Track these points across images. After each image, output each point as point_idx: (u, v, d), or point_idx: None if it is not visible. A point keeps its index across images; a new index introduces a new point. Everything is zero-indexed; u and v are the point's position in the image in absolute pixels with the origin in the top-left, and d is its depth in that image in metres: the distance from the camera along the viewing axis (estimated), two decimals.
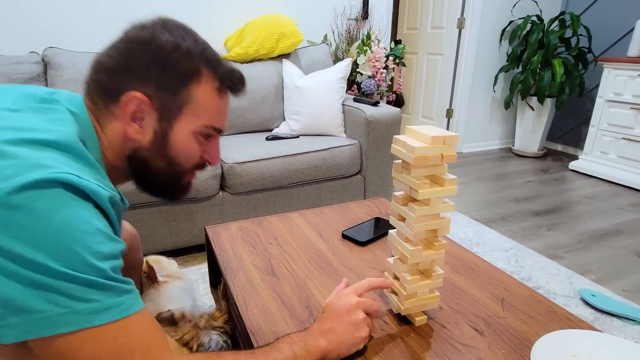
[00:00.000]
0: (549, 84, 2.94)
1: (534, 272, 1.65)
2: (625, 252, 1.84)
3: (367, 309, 0.66)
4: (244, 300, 0.79)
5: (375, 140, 1.89)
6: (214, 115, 0.65)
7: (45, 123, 0.53)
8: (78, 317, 0.46)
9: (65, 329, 0.46)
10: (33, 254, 0.44)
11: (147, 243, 1.58)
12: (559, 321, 0.74)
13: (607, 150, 2.82)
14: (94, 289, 0.47)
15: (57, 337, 0.46)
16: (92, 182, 0.50)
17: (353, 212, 1.21)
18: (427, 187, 0.63)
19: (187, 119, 0.63)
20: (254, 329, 0.71)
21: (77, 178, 0.48)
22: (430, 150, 0.62)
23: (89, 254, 0.47)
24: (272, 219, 1.16)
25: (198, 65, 0.62)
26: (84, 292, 0.46)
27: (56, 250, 0.45)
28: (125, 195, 1.45)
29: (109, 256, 0.49)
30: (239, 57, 2.10)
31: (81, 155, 0.53)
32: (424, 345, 0.67)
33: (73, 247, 0.46)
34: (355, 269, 0.91)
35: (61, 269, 0.45)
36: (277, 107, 2.11)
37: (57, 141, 0.51)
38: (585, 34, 3.09)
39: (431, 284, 0.71)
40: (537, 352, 0.64)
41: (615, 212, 2.28)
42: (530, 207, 2.33)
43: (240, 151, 1.70)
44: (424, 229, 0.66)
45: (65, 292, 0.45)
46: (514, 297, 0.81)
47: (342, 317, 0.64)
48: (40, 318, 0.45)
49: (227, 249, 0.99)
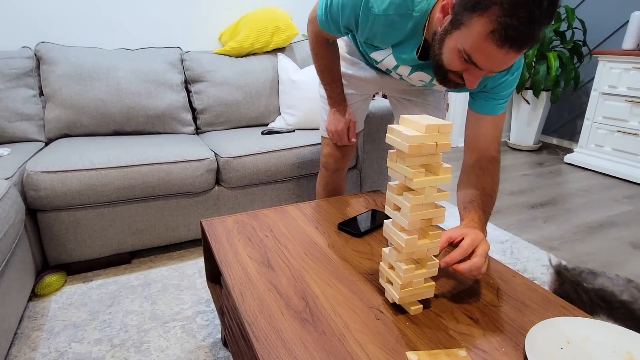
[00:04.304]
0: (544, 77, 2.95)
1: (530, 263, 1.66)
2: (619, 243, 1.85)
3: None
4: (240, 292, 0.79)
5: (371, 134, 1.89)
6: (476, 48, 0.72)
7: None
8: None
9: None
10: None
11: (143, 238, 1.58)
12: (553, 309, 0.75)
13: (602, 143, 2.84)
14: None
15: None
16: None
17: (349, 205, 1.21)
18: (422, 176, 0.64)
19: (458, 36, 0.74)
20: (250, 320, 0.71)
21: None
22: (425, 139, 0.62)
23: None
24: (267, 211, 1.16)
25: (489, 4, 0.68)
26: None
27: None
28: (119, 190, 1.45)
29: None
30: (234, 51, 2.09)
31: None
32: (420, 334, 0.68)
33: None
34: (350, 260, 0.91)
35: None
36: (272, 102, 2.11)
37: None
38: (580, 27, 3.10)
39: (426, 273, 0.71)
40: (531, 339, 0.64)
41: (609, 204, 2.30)
42: (526, 199, 2.34)
43: (236, 145, 1.70)
44: (419, 218, 0.66)
45: None
46: (509, 287, 0.82)
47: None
48: None
49: (223, 241, 0.99)
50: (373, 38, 0.97)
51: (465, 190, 0.97)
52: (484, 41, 0.70)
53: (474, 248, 0.74)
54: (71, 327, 1.26)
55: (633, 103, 2.62)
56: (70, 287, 1.46)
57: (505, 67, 0.75)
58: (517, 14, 0.65)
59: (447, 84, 0.86)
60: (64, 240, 1.45)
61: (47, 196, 1.37)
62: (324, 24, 1.06)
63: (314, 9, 1.09)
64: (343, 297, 0.77)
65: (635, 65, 2.58)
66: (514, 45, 0.69)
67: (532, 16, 0.65)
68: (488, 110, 0.99)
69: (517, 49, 0.70)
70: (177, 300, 1.39)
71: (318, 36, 1.16)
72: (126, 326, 1.26)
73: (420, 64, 0.98)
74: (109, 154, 1.49)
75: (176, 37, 2.18)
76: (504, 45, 0.69)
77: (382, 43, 0.98)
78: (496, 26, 0.68)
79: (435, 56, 0.82)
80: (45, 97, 1.77)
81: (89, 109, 1.76)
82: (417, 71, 1.03)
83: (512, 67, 0.94)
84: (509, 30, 0.67)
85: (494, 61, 0.73)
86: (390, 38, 0.95)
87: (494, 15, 0.67)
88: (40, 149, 1.66)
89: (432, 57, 0.84)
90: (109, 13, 2.01)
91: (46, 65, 1.77)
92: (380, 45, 1.00)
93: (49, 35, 1.93)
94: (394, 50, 0.99)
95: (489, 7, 0.68)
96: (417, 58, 0.95)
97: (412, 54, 0.95)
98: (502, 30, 0.67)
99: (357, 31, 0.99)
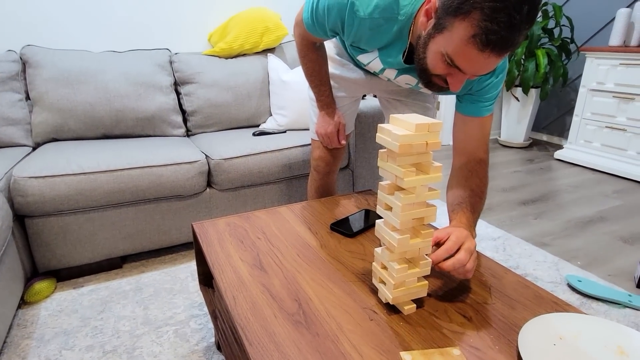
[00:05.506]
0: (533, 74, 2.97)
1: (522, 260, 1.67)
2: (609, 238, 1.87)
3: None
4: (233, 295, 0.78)
5: (362, 134, 1.89)
6: (458, 52, 0.73)
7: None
8: None
9: None
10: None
11: (134, 242, 1.56)
12: (545, 306, 0.75)
13: (591, 139, 2.87)
14: None
15: None
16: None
17: (342, 205, 1.21)
18: (413, 175, 0.63)
19: (441, 40, 0.75)
20: (243, 324, 0.70)
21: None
22: (415, 138, 0.62)
23: None
24: (260, 213, 1.15)
25: (471, 9, 0.68)
26: None
27: None
28: (109, 194, 1.43)
29: None
30: (223, 52, 2.08)
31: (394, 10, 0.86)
32: (413, 334, 0.67)
33: None
34: (343, 260, 0.91)
35: None
36: (263, 103, 2.10)
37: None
38: (568, 25, 3.13)
39: (419, 272, 0.71)
40: (524, 336, 0.64)
41: (599, 199, 2.32)
42: (517, 196, 2.36)
43: (227, 147, 1.68)
44: (411, 217, 0.66)
45: None
46: (502, 284, 0.82)
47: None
48: None
49: (214, 244, 0.98)
50: (359, 41, 0.97)
51: (454, 192, 0.97)
52: (466, 45, 0.71)
53: (459, 245, 0.74)
54: (62, 334, 1.24)
55: (620, 99, 2.65)
56: (60, 294, 1.44)
57: (488, 70, 0.76)
58: (497, 19, 0.66)
59: (432, 87, 0.87)
60: (54, 246, 1.43)
61: (35, 202, 1.35)
62: (310, 27, 1.05)
63: (300, 12, 1.09)
64: (336, 298, 0.77)
65: (622, 61, 2.61)
66: (494, 50, 0.70)
67: (512, 21, 0.66)
68: (475, 113, 1.00)
69: (498, 53, 0.71)
70: (170, 305, 1.38)
71: (305, 39, 1.15)
72: (118, 332, 1.25)
73: (406, 67, 0.99)
74: (97, 158, 1.47)
75: (165, 39, 2.16)
76: (485, 49, 0.70)
77: (368, 46, 0.98)
78: (477, 30, 0.68)
79: (420, 60, 0.83)
80: (31, 101, 1.74)
81: (76, 112, 1.74)
82: (403, 74, 1.03)
83: (497, 70, 0.95)
84: (490, 34, 0.67)
85: (476, 65, 0.74)
86: (376, 41, 0.95)
87: (475, 19, 0.68)
88: (27, 154, 1.63)
89: (416, 61, 0.84)
90: (96, 15, 1.98)
91: (32, 68, 1.74)
92: (366, 48, 1.00)
93: (35, 39, 1.90)
94: (380, 53, 0.99)
95: (470, 11, 0.68)
96: (403, 62, 0.95)
97: (397, 57, 0.95)
98: (483, 35, 0.68)
99: (343, 34, 0.99)
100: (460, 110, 1.02)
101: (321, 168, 1.42)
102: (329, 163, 1.41)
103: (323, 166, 1.41)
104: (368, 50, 1.00)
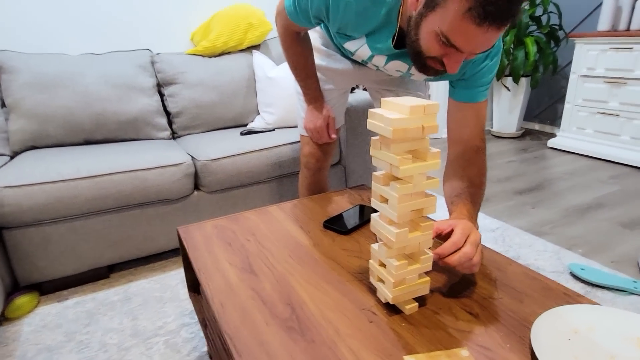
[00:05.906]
0: (523, 63, 2.94)
1: (522, 250, 1.63)
2: (609, 224, 1.84)
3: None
4: (221, 302, 0.73)
5: (354, 128, 1.84)
6: (454, 29, 0.67)
7: None
8: None
9: None
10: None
11: (120, 250, 1.49)
12: (555, 297, 0.70)
13: (584, 126, 2.84)
14: None
15: None
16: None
17: (334, 202, 1.16)
18: (409, 163, 0.58)
19: (434, 18, 0.70)
20: (232, 333, 0.65)
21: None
22: (410, 121, 0.56)
23: None
24: (249, 214, 1.10)
25: None
26: None
27: None
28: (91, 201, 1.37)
29: None
30: (207, 50, 2.02)
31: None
32: (417, 335, 0.62)
33: None
34: (338, 259, 0.85)
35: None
36: (250, 101, 2.04)
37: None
38: (556, 11, 3.10)
39: (420, 268, 0.65)
40: (537, 332, 0.59)
41: (596, 185, 2.29)
42: (513, 186, 2.32)
43: (214, 148, 1.62)
44: (409, 209, 0.61)
45: None
46: (507, 276, 0.77)
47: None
48: None
49: (201, 248, 0.92)
50: (345, 27, 0.92)
51: (451, 184, 0.92)
52: (461, 20, 0.65)
53: (465, 239, 0.69)
54: (45, 350, 1.17)
55: (612, 84, 2.63)
56: (44, 308, 1.37)
57: (487, 47, 0.71)
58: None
59: (427, 71, 0.81)
60: (34, 259, 1.36)
61: (13, 212, 1.28)
62: (292, 15, 1.00)
63: (281, 1, 1.03)
64: (332, 300, 0.71)
65: (611, 46, 2.59)
66: (494, 22, 0.64)
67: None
68: (469, 99, 0.95)
69: (498, 26, 0.65)
70: (160, 314, 1.31)
71: (288, 29, 1.10)
72: (105, 345, 1.18)
73: (396, 52, 0.93)
74: (78, 164, 1.41)
75: (146, 39, 2.09)
76: (483, 22, 0.64)
77: (355, 32, 0.93)
78: (473, 3, 0.63)
79: (412, 43, 0.77)
80: (7, 108, 1.66)
81: (55, 118, 1.66)
82: (393, 60, 0.97)
83: (491, 52, 0.90)
84: (487, 5, 0.62)
85: (474, 41, 0.68)
86: (363, 26, 0.89)
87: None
88: (4, 164, 1.56)
89: (409, 44, 0.79)
90: (71, 18, 1.91)
91: (7, 74, 1.66)
92: (353, 34, 0.94)
93: (9, 44, 1.83)
94: (368, 39, 0.93)
95: None
96: (393, 46, 0.90)
97: (387, 42, 0.90)
98: (480, 7, 0.63)
99: (328, 21, 0.93)
100: (454, 97, 0.97)
101: (312, 165, 1.36)
102: (319, 159, 1.35)
103: (313, 163, 1.36)
104: (355, 36, 0.95)
